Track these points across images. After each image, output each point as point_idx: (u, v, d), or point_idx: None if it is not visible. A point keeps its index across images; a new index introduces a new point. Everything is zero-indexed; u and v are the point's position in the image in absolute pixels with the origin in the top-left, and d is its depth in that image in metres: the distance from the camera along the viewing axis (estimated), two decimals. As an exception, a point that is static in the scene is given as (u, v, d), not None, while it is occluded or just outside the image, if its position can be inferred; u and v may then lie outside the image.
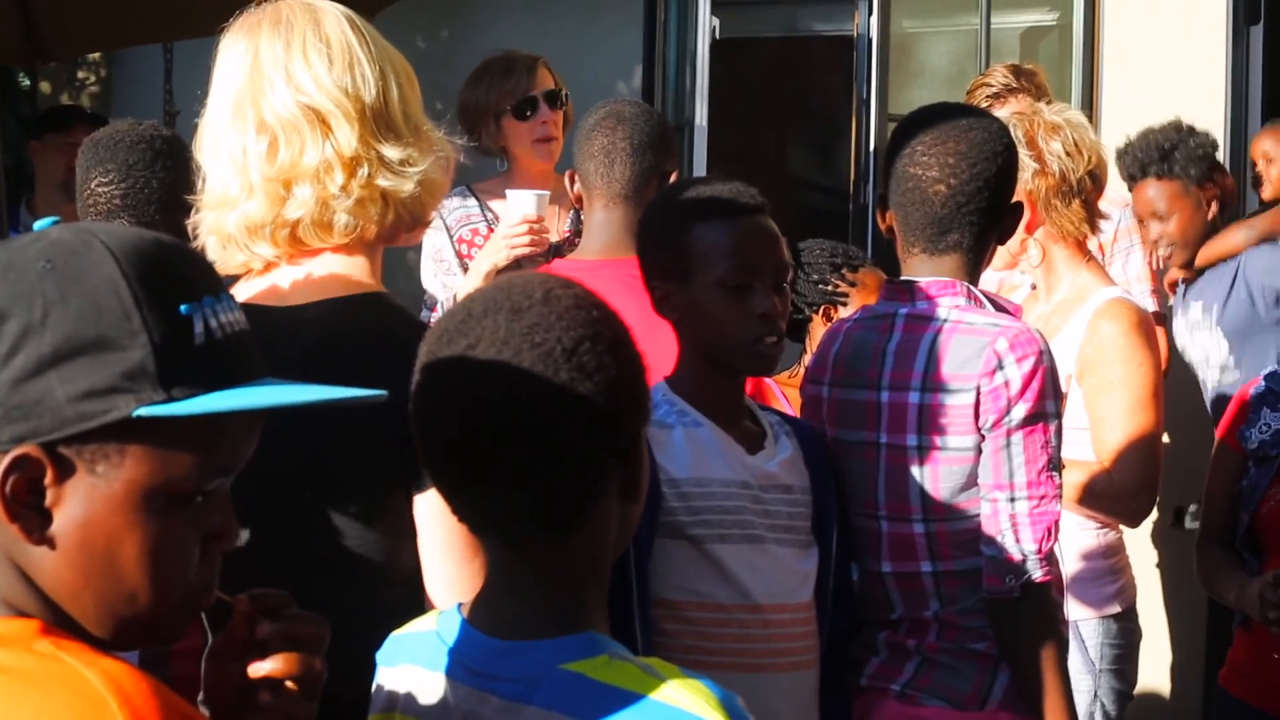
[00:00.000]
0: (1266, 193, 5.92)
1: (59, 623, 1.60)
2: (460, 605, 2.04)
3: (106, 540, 1.60)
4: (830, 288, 4.67)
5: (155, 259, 1.64)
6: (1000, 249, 3.97)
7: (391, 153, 2.51)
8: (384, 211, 2.51)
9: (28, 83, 8.34)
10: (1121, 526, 4.22)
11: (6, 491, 1.56)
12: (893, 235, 3.34)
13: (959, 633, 3.21)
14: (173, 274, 1.65)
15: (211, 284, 1.69)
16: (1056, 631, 3.21)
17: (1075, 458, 3.94)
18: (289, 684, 1.83)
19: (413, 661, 2.05)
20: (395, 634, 2.13)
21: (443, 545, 2.36)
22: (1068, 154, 4.04)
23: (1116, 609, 4.09)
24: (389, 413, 2.04)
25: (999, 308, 3.28)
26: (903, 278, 3.31)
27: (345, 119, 2.48)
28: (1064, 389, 3.90)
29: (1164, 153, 5.35)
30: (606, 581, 1.99)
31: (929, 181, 3.23)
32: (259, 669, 1.82)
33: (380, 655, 2.12)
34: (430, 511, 2.36)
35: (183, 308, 1.62)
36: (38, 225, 1.68)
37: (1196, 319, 5.62)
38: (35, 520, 1.58)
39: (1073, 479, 3.90)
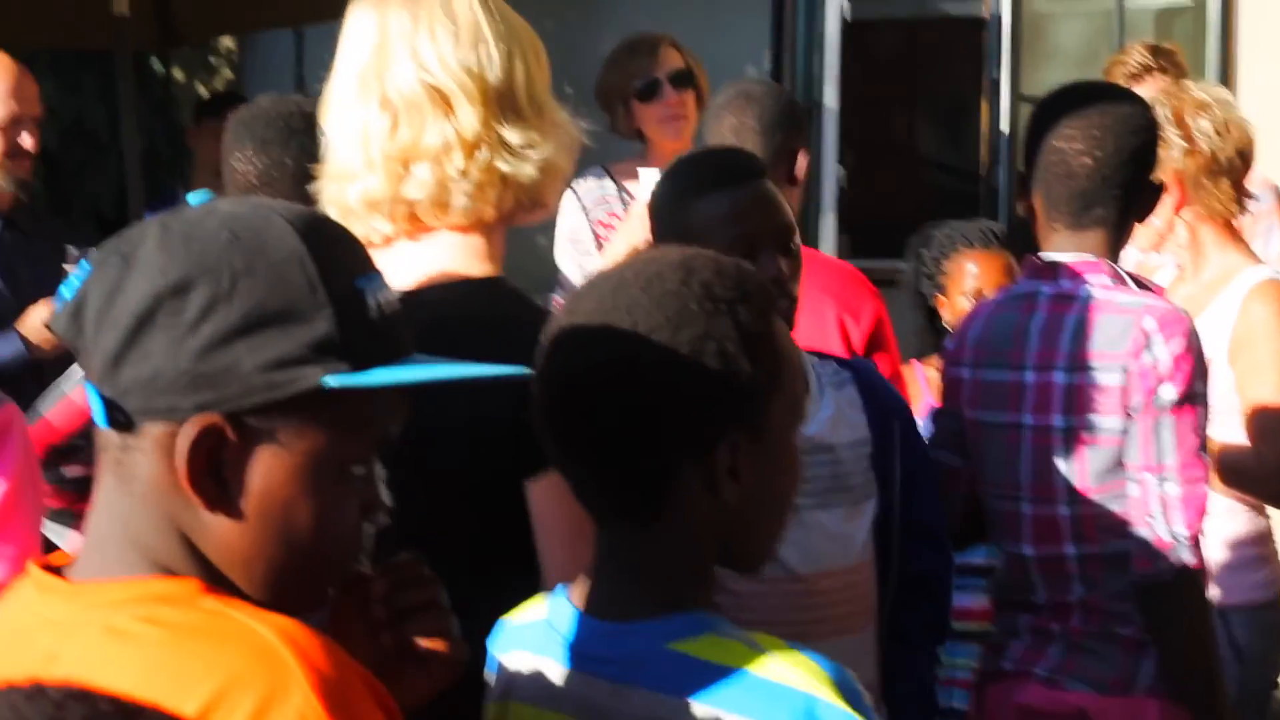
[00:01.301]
0: None
1: (217, 586, 1.60)
2: (568, 589, 2.02)
3: (284, 509, 1.60)
4: (940, 275, 4.66)
5: (330, 235, 1.65)
6: (1146, 228, 3.93)
7: (513, 135, 2.47)
8: (502, 194, 2.48)
9: (162, 69, 8.43)
10: (1270, 511, 4.14)
11: (189, 460, 1.56)
12: (1032, 215, 3.30)
13: (1104, 617, 3.16)
14: (346, 250, 1.66)
15: (370, 260, 1.70)
16: (1208, 617, 3.16)
17: (1226, 439, 3.87)
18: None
19: (524, 648, 2.04)
20: (506, 620, 2.12)
21: (557, 530, 2.33)
22: (1217, 132, 3.97)
23: (1264, 597, 4.02)
24: (501, 398, 2.08)
25: (1142, 287, 3.23)
26: (1046, 255, 3.26)
27: (468, 99, 2.45)
28: (1221, 371, 3.86)
29: None
30: (712, 559, 1.95)
31: (1074, 154, 3.19)
32: (417, 647, 1.85)
33: (493, 642, 2.12)
34: (544, 497, 2.33)
35: (357, 281, 1.63)
36: (191, 198, 1.68)
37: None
38: (214, 489, 1.58)
39: (1225, 461, 3.84)
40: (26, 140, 4.76)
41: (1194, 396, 3.08)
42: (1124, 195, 3.20)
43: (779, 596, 2.90)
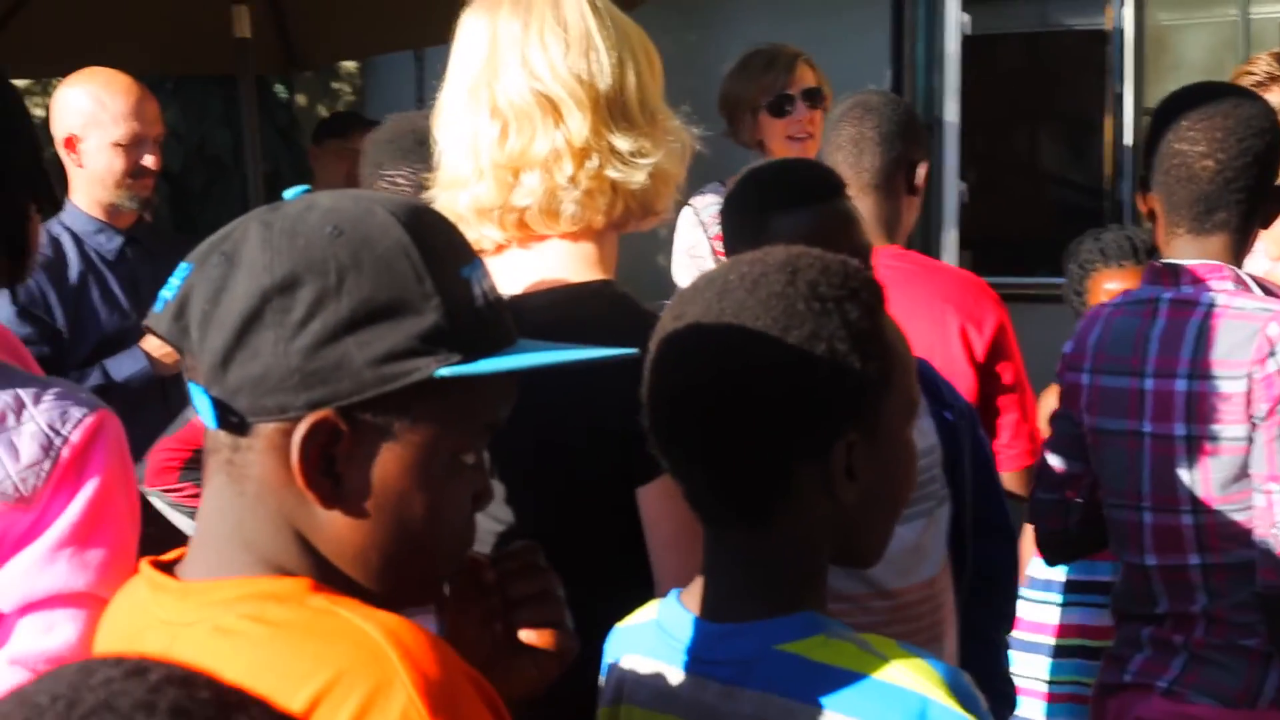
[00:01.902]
0: None
1: (330, 583, 1.61)
2: (679, 593, 2.02)
3: (398, 501, 1.61)
4: (1085, 291, 4.64)
5: (432, 224, 1.65)
6: (1272, 235, 3.85)
7: (623, 143, 2.46)
8: (613, 202, 2.47)
9: (285, 94, 8.52)
10: None
11: (304, 458, 1.57)
12: (1154, 219, 3.25)
13: (1228, 628, 3.11)
14: (449, 238, 1.66)
15: (471, 248, 1.70)
16: (1334, 628, 3.10)
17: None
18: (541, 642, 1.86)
19: (637, 651, 2.04)
20: (619, 625, 2.12)
21: (669, 536, 2.32)
22: None
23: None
24: (612, 404, 2.09)
25: (1268, 292, 3.17)
26: (1166, 260, 3.22)
27: (578, 107, 2.45)
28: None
29: None
30: (826, 559, 1.94)
31: (1196, 156, 3.15)
32: (527, 637, 1.85)
33: (607, 647, 2.12)
34: (655, 503, 2.32)
35: (462, 270, 1.63)
36: (288, 194, 1.68)
37: None
38: (329, 486, 1.59)
39: None
40: (149, 160, 4.82)
41: None
42: (1248, 198, 3.15)
43: (867, 613, 2.91)
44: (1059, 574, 4.36)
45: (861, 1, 7.70)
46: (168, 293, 1.64)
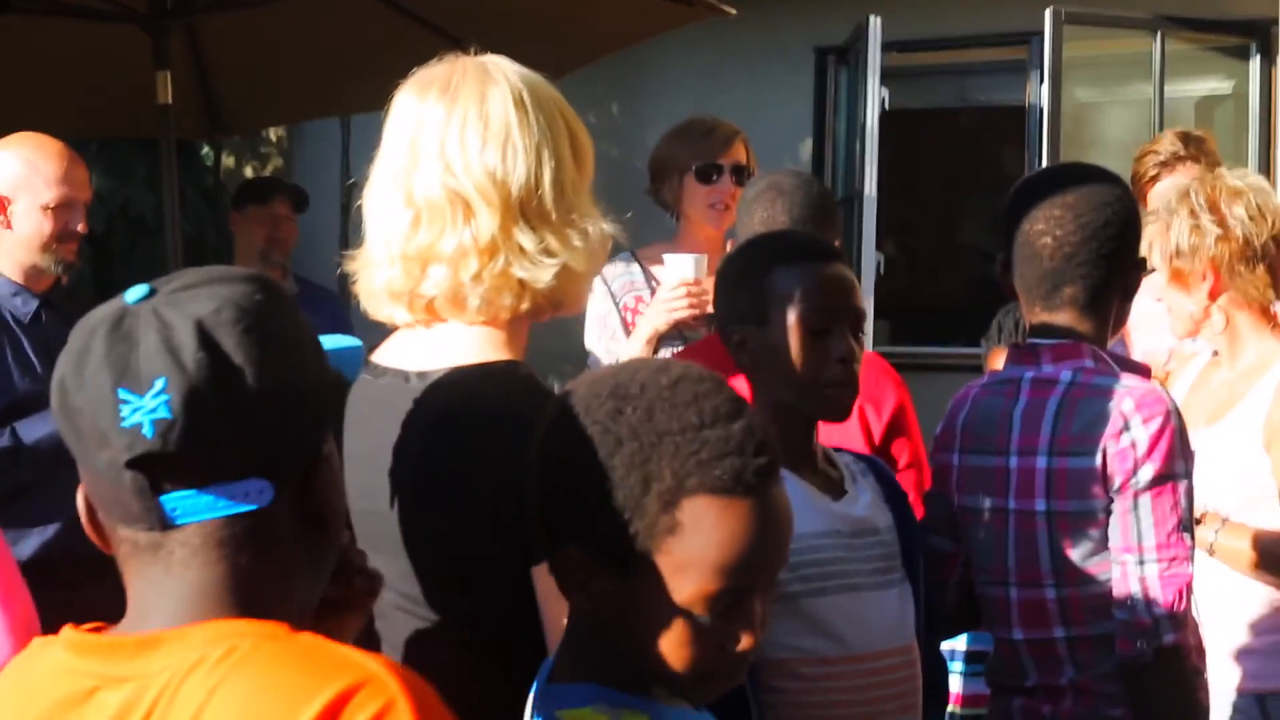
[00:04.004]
0: None
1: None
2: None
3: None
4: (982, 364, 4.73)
5: None
6: (1181, 315, 3.93)
7: (530, 242, 2.49)
8: (519, 297, 2.51)
9: (211, 158, 8.55)
10: None
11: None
12: (1016, 296, 3.33)
13: (1095, 699, 3.17)
14: None
15: None
16: (1192, 696, 3.16)
17: (1266, 527, 3.87)
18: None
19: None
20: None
21: (556, 615, 2.36)
22: (1251, 218, 3.93)
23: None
24: (505, 485, 2.18)
25: (1128, 366, 3.25)
26: (1027, 341, 3.29)
27: (488, 205, 2.47)
28: (1258, 457, 3.85)
29: None
30: (622, 642, 2.03)
31: (1037, 235, 3.23)
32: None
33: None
34: (544, 581, 2.37)
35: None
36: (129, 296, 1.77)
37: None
38: None
39: (1266, 548, 3.83)
40: (76, 223, 4.86)
41: (1173, 476, 3.09)
42: (1093, 271, 3.21)
43: (847, 678, 2.93)
44: (960, 644, 4.42)
45: (785, 75, 7.80)
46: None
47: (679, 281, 4.63)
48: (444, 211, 2.49)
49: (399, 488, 2.46)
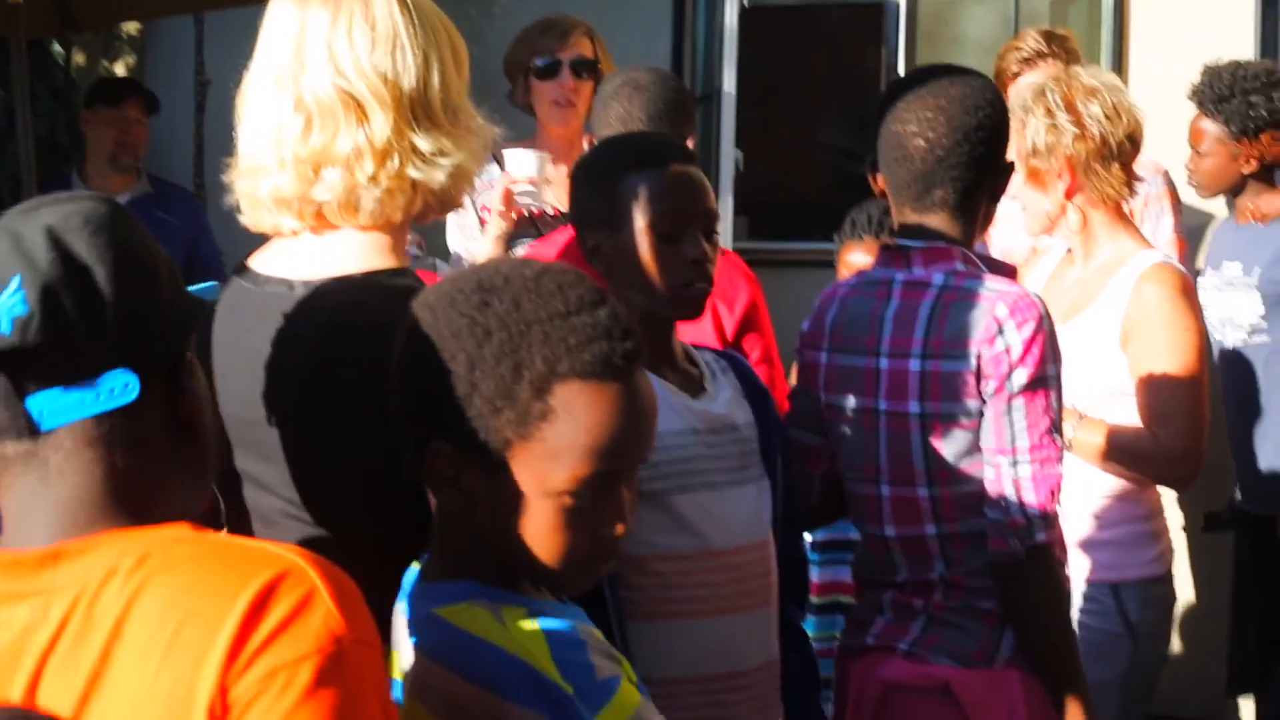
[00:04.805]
0: None
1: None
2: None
3: None
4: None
5: None
6: (1036, 213, 3.98)
7: (425, 143, 2.49)
8: (412, 199, 2.51)
9: (62, 52, 8.39)
10: (1161, 488, 4.21)
11: None
12: (885, 198, 3.36)
13: (965, 592, 3.24)
14: None
15: None
16: (1061, 592, 3.25)
17: (1121, 423, 3.94)
18: None
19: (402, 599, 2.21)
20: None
21: None
22: (1107, 117, 3.99)
23: (1157, 572, 4.09)
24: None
25: (995, 268, 3.29)
26: (897, 241, 3.32)
27: (381, 106, 2.47)
28: (1114, 354, 3.93)
29: (1219, 96, 5.46)
30: (497, 537, 2.07)
31: (909, 136, 3.25)
32: None
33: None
34: None
35: None
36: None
37: (1233, 277, 5.62)
38: None
39: (1120, 445, 3.92)
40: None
41: (1045, 380, 3.15)
42: (964, 174, 3.25)
43: (703, 573, 2.97)
44: (807, 535, 4.49)
45: (645, -27, 7.76)
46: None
47: (513, 178, 4.66)
48: (337, 113, 2.48)
49: (286, 396, 2.45)
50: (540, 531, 2.03)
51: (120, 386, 1.74)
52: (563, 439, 2.00)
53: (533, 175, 4.67)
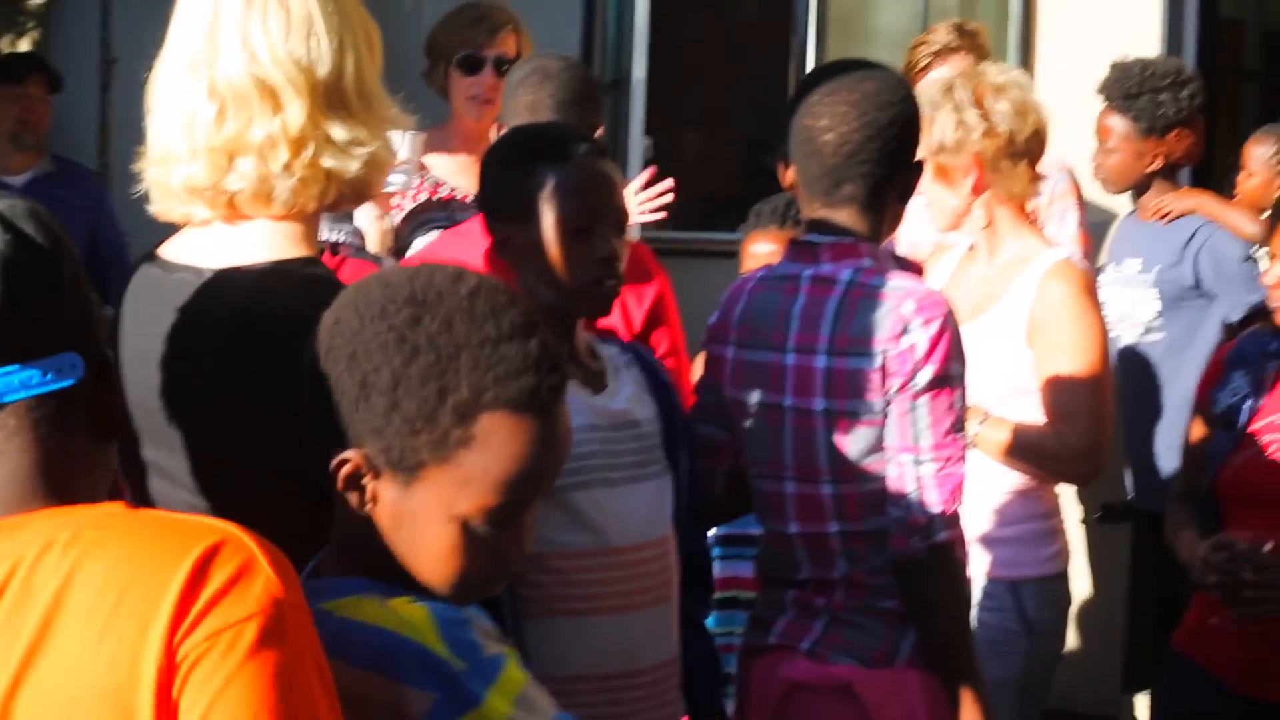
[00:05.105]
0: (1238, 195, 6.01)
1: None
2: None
3: None
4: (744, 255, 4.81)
5: None
6: (943, 209, 3.99)
7: (339, 132, 2.47)
8: (326, 189, 2.48)
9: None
10: (1059, 486, 4.24)
11: None
12: (796, 190, 3.36)
13: (867, 591, 3.24)
14: None
15: None
16: (962, 591, 3.27)
17: (1025, 420, 3.96)
18: None
19: None
20: None
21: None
22: (1016, 114, 3.99)
23: (1055, 570, 4.11)
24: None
25: (902, 265, 3.29)
26: (806, 237, 3.31)
27: (296, 94, 2.44)
28: (1020, 352, 3.95)
29: (1128, 93, 5.50)
30: (404, 551, 2.06)
31: (819, 131, 3.23)
32: None
33: None
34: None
35: None
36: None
37: (1131, 274, 5.67)
38: None
39: (1023, 441, 3.93)
40: None
41: (950, 379, 3.16)
42: (874, 170, 3.23)
43: (602, 570, 2.97)
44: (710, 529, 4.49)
45: (555, -43, 7.73)
46: None
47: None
48: (251, 101, 2.44)
49: (194, 385, 2.43)
50: (438, 552, 2.03)
51: (68, 367, 1.78)
52: (476, 467, 1.98)
53: (404, 157, 4.64)
